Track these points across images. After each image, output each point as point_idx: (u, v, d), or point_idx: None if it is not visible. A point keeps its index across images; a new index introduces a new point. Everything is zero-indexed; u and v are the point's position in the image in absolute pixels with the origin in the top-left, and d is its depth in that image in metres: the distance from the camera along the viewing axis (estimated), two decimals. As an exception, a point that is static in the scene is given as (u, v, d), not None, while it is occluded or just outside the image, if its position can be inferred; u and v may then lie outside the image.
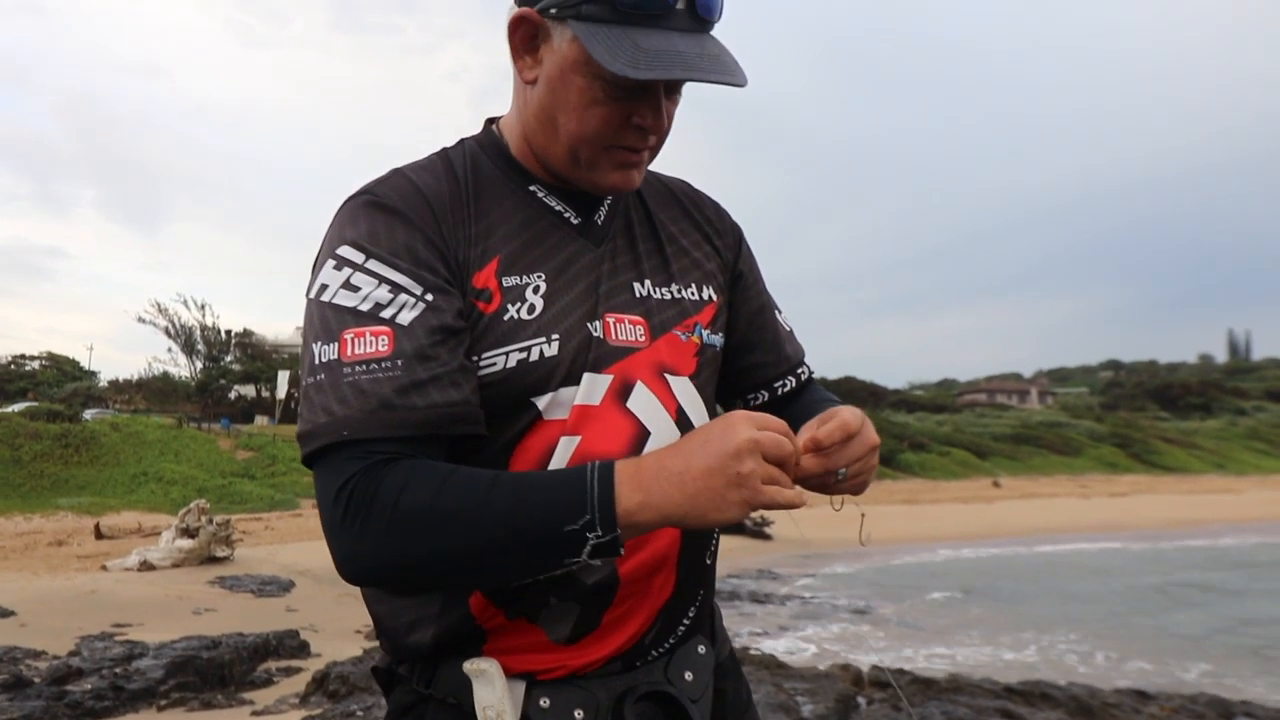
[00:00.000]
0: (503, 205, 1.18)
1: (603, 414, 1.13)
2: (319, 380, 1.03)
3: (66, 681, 6.72)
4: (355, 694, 6.22)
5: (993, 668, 9.14)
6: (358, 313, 1.04)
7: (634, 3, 1.05)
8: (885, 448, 52.52)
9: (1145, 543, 23.84)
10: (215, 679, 7.21)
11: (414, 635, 1.14)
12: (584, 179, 1.18)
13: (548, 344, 1.12)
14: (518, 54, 1.16)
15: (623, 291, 1.21)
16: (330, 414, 1.00)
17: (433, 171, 1.18)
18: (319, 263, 1.10)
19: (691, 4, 1.07)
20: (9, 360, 66.47)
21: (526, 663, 1.12)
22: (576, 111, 1.12)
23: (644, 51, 1.03)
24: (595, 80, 1.09)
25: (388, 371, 1.01)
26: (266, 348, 73.49)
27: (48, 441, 36.03)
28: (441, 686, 1.14)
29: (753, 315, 1.40)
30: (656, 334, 1.22)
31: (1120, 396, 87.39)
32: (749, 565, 17.21)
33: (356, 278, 1.05)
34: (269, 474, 38.82)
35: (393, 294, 1.05)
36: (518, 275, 1.14)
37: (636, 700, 1.15)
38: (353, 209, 1.12)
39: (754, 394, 1.41)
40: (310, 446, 1.02)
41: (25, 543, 21.04)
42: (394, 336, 1.02)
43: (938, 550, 21.21)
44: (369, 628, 10.56)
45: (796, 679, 6.55)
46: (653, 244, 1.29)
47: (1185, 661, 9.98)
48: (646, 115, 1.12)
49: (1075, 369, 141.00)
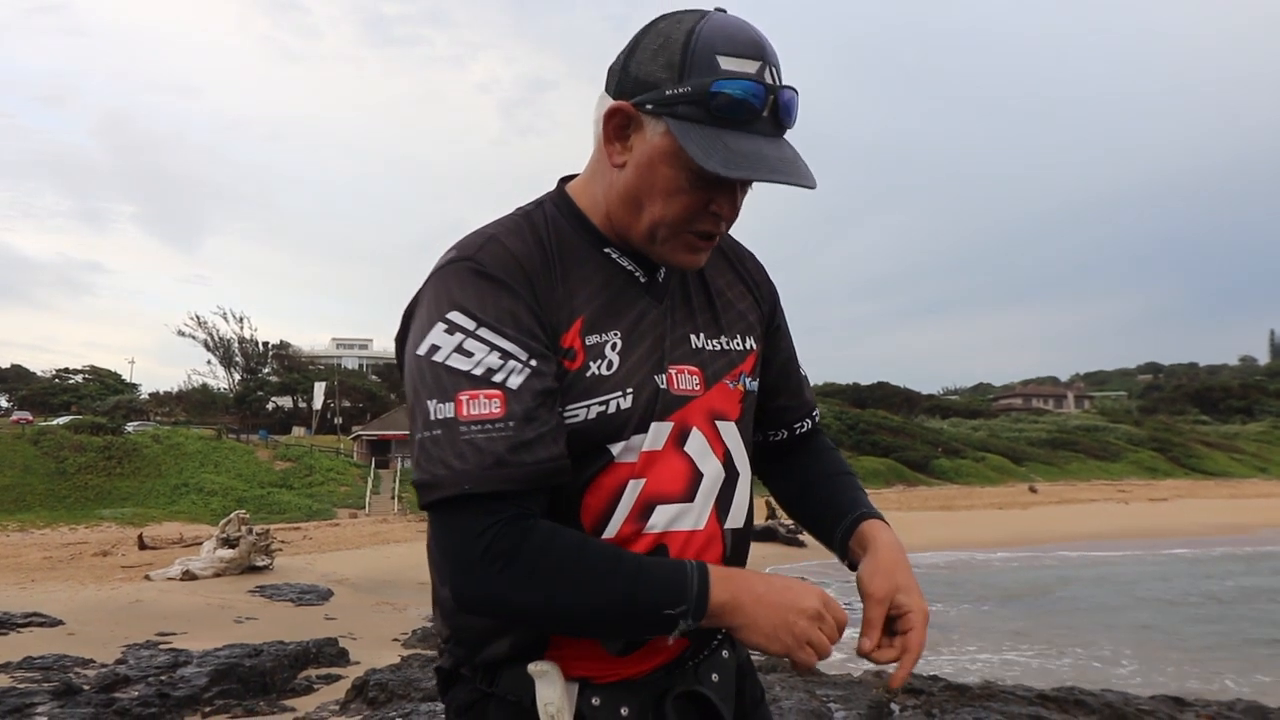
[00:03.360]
0: (583, 268, 1.30)
1: (664, 458, 1.27)
2: (435, 435, 1.14)
3: (114, 689, 6.89)
4: (394, 701, 6.32)
5: (1027, 675, 9.10)
6: (472, 376, 1.15)
7: (727, 109, 1.17)
8: (919, 454, 52.41)
9: (1185, 548, 23.53)
10: (257, 686, 7.35)
11: (492, 646, 1.27)
12: (656, 254, 1.30)
13: (624, 397, 1.24)
14: (609, 140, 1.27)
15: (682, 344, 1.33)
16: (449, 468, 1.12)
17: (521, 236, 1.28)
18: (425, 321, 1.21)
19: (775, 113, 1.20)
20: (53, 374, 67.79)
21: (582, 669, 1.25)
22: (662, 197, 1.23)
23: (734, 153, 1.16)
24: (683, 171, 1.20)
25: (500, 431, 1.13)
26: (303, 359, 74.41)
27: (91, 454, 36.67)
28: (504, 686, 1.27)
29: (783, 364, 1.55)
30: (710, 383, 1.35)
31: (1159, 400, 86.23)
32: (786, 572, 17.19)
33: (469, 344, 1.17)
34: (306, 484, 39.27)
35: (502, 360, 1.16)
36: (598, 334, 1.26)
37: (674, 699, 1.29)
38: (459, 274, 1.22)
39: (775, 431, 1.57)
40: (432, 496, 1.14)
41: (71, 553, 21.49)
42: (505, 400, 1.14)
43: (973, 556, 21.06)
44: (406, 635, 10.70)
45: (829, 686, 6.57)
46: (704, 298, 1.41)
47: (1225, 668, 9.86)
48: (724, 205, 1.24)
49: (1113, 372, 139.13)
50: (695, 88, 1.16)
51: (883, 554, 1.31)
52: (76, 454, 36.31)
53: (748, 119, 1.17)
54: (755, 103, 1.17)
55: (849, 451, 49.80)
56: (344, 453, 48.05)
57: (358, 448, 49.95)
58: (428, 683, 6.51)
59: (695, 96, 1.17)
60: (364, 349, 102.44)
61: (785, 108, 1.20)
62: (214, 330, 66.16)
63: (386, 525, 30.13)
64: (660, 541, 1.24)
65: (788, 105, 1.21)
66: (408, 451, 28.48)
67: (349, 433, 54.62)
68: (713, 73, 1.16)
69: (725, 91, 1.16)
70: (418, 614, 12.61)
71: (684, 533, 1.26)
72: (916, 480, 49.34)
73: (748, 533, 1.38)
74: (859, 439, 52.93)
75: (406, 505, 37.20)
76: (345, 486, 40.04)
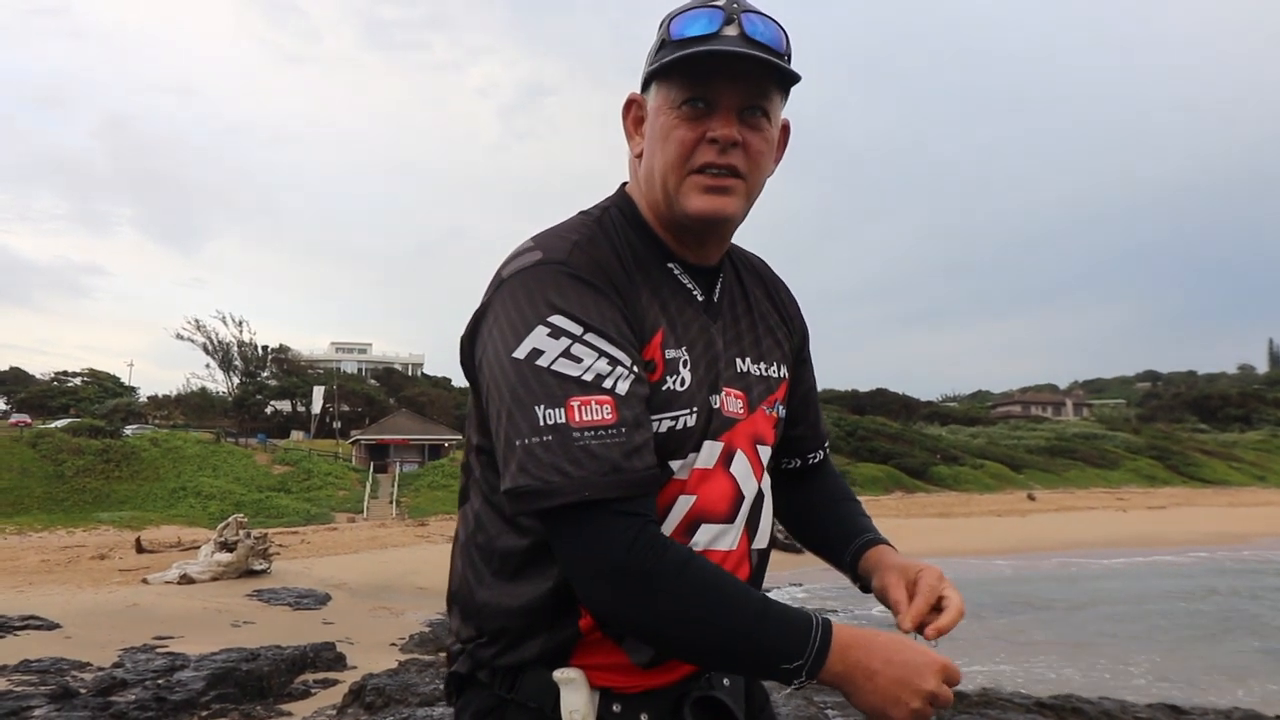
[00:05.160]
0: (652, 280, 1.31)
1: (714, 477, 1.29)
2: (546, 441, 1.12)
3: (111, 693, 6.89)
4: (391, 706, 6.31)
5: (1025, 682, 9.09)
6: (582, 382, 1.14)
7: (681, 35, 1.23)
8: (918, 460, 52.37)
9: (1183, 557, 23.51)
10: (254, 691, 7.35)
11: (522, 648, 1.26)
12: (680, 214, 1.29)
13: (690, 415, 1.26)
14: (630, 135, 1.35)
15: (731, 367, 1.36)
16: (564, 474, 1.11)
17: (599, 245, 1.27)
18: (519, 323, 1.18)
19: (741, 31, 1.22)
20: (51, 377, 67.70)
21: (606, 679, 1.25)
22: (661, 145, 1.26)
23: (689, 51, 1.21)
24: (672, 111, 1.24)
25: (614, 438, 1.12)
26: (301, 363, 74.31)
27: (89, 457, 36.62)
28: (524, 692, 1.26)
29: (805, 395, 1.58)
30: (753, 407, 1.37)
31: (1158, 408, 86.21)
32: (781, 578, 17.19)
33: (576, 349, 1.15)
34: (305, 488, 39.22)
35: (610, 366, 1.16)
36: (675, 349, 1.28)
37: (691, 705, 1.30)
38: (554, 276, 1.20)
39: (789, 460, 1.59)
40: (550, 503, 1.12)
41: (69, 556, 21.45)
42: (615, 406, 1.14)
43: (971, 564, 21.05)
44: (403, 640, 10.69)
45: (827, 693, 6.57)
46: (748, 321, 1.43)
47: (1221, 677, 9.86)
48: (717, 127, 1.23)
49: (1112, 380, 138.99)
50: (661, 40, 1.26)
51: (891, 562, 1.38)
52: (74, 457, 36.26)
53: (705, 38, 1.21)
54: (709, 21, 1.22)
55: (847, 458, 49.82)
56: (342, 457, 47.97)
57: (356, 452, 49.84)
58: (425, 688, 6.50)
59: (660, 45, 1.26)
60: (363, 353, 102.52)
61: (749, 23, 1.22)
62: (213, 334, 66.03)
63: (384, 530, 30.08)
64: None
65: (752, 21, 1.22)
66: (406, 456, 28.48)
67: (347, 437, 54.52)
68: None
69: (677, 23, 1.24)
70: (415, 619, 12.60)
71: (721, 552, 1.28)
72: (915, 487, 49.30)
73: (769, 552, 1.42)
74: (857, 445, 52.88)
75: (405, 510, 37.18)
76: (343, 491, 40.00)
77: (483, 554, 1.30)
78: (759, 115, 1.25)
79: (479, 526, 1.31)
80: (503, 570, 1.27)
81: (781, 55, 1.24)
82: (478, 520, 1.31)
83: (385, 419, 55.52)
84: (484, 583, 1.29)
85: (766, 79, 1.24)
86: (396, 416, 55.71)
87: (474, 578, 1.31)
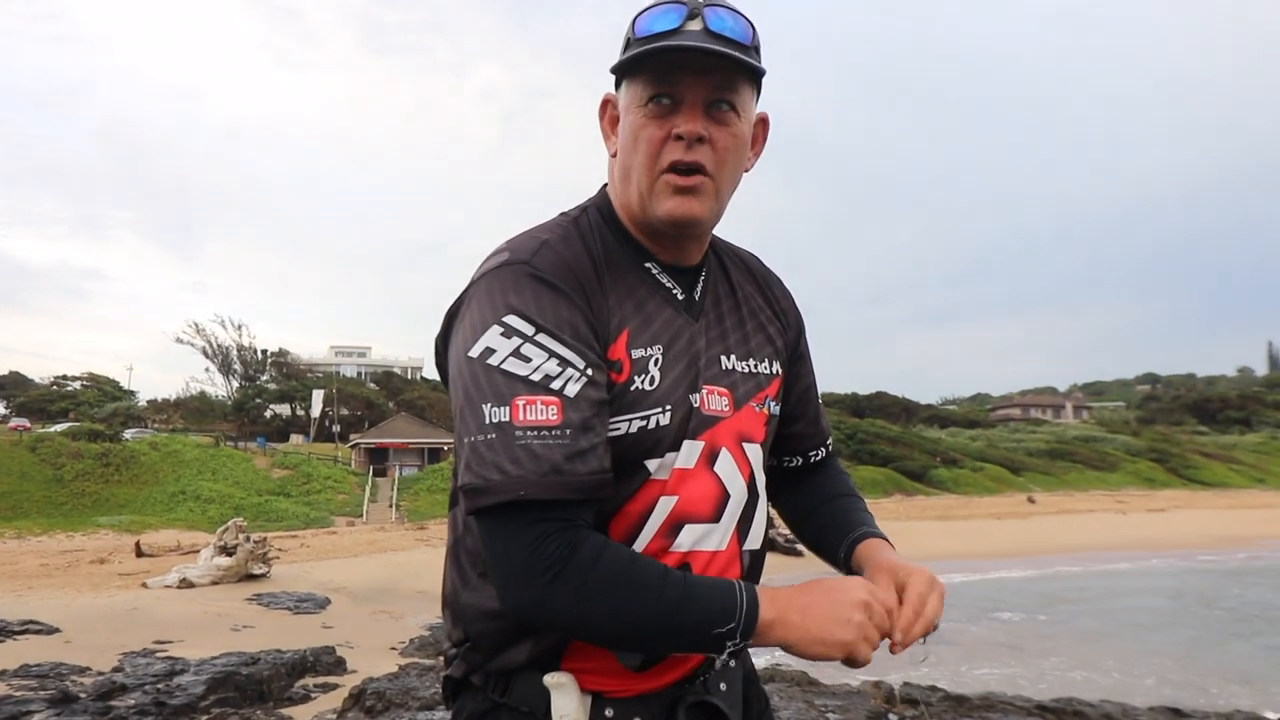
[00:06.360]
0: (627, 279, 1.30)
1: (695, 476, 1.27)
2: (490, 439, 1.12)
3: (111, 697, 6.87)
4: (391, 710, 6.30)
5: (1025, 686, 9.08)
6: (529, 381, 1.14)
7: (645, 33, 1.23)
8: (918, 463, 52.36)
9: (1183, 559, 23.51)
10: (254, 695, 7.33)
11: (509, 652, 1.26)
12: (653, 218, 1.29)
13: (663, 414, 1.24)
14: (606, 135, 1.35)
15: (714, 364, 1.34)
16: (504, 473, 1.11)
17: (570, 244, 1.28)
18: (478, 322, 1.19)
19: (705, 27, 1.21)
20: (51, 381, 67.70)
21: (598, 683, 1.25)
22: (632, 145, 1.26)
23: (651, 48, 1.21)
24: (639, 110, 1.24)
25: (557, 439, 1.12)
26: (301, 367, 74.38)
27: (89, 461, 36.66)
28: (516, 696, 1.26)
29: (803, 392, 1.56)
30: (739, 405, 1.36)
31: (1157, 410, 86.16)
32: (781, 580, 17.17)
33: (527, 348, 1.15)
34: (304, 492, 39.25)
35: (560, 367, 1.15)
36: (642, 348, 1.26)
37: (685, 709, 1.29)
38: (514, 277, 1.20)
39: (790, 458, 1.57)
40: (486, 501, 1.12)
41: (68, 560, 21.44)
42: (562, 407, 1.13)
43: (971, 567, 21.04)
44: (403, 644, 10.68)
45: (827, 696, 6.56)
46: (735, 319, 1.42)
47: (1223, 679, 9.85)
48: (682, 123, 1.23)
49: (1111, 383, 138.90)
50: (627, 39, 1.26)
51: (882, 561, 1.34)
52: (74, 461, 36.30)
53: (669, 34, 1.21)
54: (673, 16, 1.22)
55: (847, 461, 49.79)
56: (342, 461, 47.99)
57: (355, 456, 49.85)
58: (425, 691, 6.49)
59: (626, 44, 1.26)
60: (362, 357, 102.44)
61: (713, 16, 1.22)
62: (212, 338, 66.18)
63: (384, 533, 30.04)
64: (685, 560, 1.24)
65: (717, 15, 1.22)
66: (405, 460, 28.48)
67: (347, 441, 54.53)
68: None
69: (642, 20, 1.24)
70: (415, 622, 12.59)
71: (707, 553, 1.27)
72: (914, 490, 49.29)
73: (763, 553, 1.40)
74: (857, 448, 52.90)
75: (404, 514, 37.17)
76: (343, 494, 40.00)
77: (469, 557, 1.30)
78: (726, 109, 1.25)
79: (466, 529, 1.30)
80: (486, 573, 1.25)
81: (747, 49, 1.23)
82: (465, 524, 1.30)
83: (384, 422, 55.52)
84: (470, 585, 1.29)
85: (732, 72, 1.23)
86: (396, 420, 55.71)
87: (460, 581, 1.30)
